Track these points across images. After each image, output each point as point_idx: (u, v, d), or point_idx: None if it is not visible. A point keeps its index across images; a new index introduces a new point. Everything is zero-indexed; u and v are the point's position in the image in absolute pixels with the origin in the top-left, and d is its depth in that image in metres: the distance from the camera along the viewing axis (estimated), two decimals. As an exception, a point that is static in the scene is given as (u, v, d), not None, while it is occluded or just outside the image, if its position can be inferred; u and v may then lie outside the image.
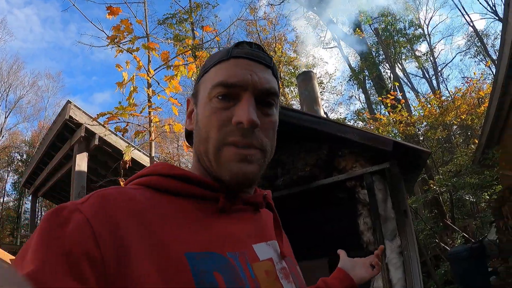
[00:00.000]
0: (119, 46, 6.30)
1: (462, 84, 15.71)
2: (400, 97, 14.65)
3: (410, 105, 18.44)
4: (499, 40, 7.72)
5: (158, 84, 5.47)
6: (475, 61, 30.26)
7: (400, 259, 3.96)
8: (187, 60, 5.93)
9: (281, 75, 23.75)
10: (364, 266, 1.22)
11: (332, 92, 29.19)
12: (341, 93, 30.21)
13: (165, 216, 0.60)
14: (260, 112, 0.70)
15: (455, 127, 21.93)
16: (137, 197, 0.61)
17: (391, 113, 13.54)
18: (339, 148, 4.38)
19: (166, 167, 0.69)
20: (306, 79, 8.45)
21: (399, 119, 12.81)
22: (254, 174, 0.68)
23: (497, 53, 8.69)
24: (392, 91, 15.56)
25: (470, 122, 16.40)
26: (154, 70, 5.68)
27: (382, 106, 18.67)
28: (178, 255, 0.55)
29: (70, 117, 9.28)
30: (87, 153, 8.54)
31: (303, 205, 5.25)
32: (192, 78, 6.33)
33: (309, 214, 5.45)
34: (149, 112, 5.43)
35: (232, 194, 0.70)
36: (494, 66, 18.17)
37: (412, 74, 30.13)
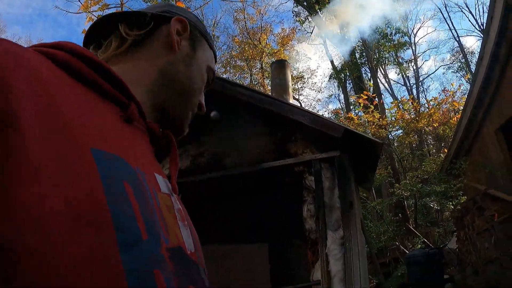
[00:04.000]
0: (90, 13, 6.32)
1: (439, 95, 15.85)
2: (376, 99, 14.71)
3: (385, 109, 18.60)
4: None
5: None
6: (457, 76, 30.77)
7: (341, 250, 3.84)
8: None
9: (263, 65, 23.75)
10: None
11: (312, 88, 29.43)
12: (321, 90, 30.43)
13: (71, 98, 0.48)
14: None
15: (429, 136, 22.33)
16: (43, 62, 0.49)
17: (364, 114, 13.59)
18: (293, 134, 4.25)
19: (83, 49, 0.57)
20: (279, 67, 8.40)
21: (371, 120, 12.84)
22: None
23: (475, 67, 8.73)
24: (368, 91, 15.63)
25: (442, 132, 16.61)
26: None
27: (361, 111, 18.86)
28: (82, 147, 0.43)
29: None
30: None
31: (249, 187, 5.11)
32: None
33: (254, 197, 5.33)
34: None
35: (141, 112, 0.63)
36: (472, 80, 18.38)
37: (394, 81, 30.55)
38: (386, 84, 28.54)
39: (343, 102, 27.06)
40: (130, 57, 0.71)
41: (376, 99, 15.25)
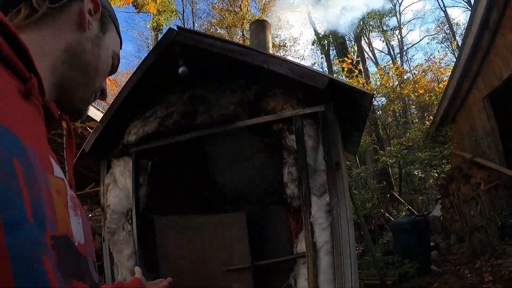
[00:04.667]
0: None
1: (425, 61, 15.53)
2: (359, 63, 14.30)
3: (369, 75, 18.30)
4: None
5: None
6: (441, 47, 30.68)
7: (328, 219, 3.38)
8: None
9: (244, 33, 23.06)
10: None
11: (295, 56, 28.90)
12: (304, 58, 30.00)
13: None
14: None
15: (413, 106, 22.23)
16: None
17: (348, 79, 13.19)
18: (270, 88, 3.73)
19: None
20: (258, 27, 7.82)
21: (355, 85, 12.42)
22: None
23: (464, 33, 8.70)
24: (352, 55, 15.23)
25: (427, 99, 16.41)
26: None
27: (344, 77, 18.56)
28: None
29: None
30: None
31: (223, 149, 4.62)
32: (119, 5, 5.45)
33: (229, 160, 4.85)
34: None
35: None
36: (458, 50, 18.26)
37: (378, 50, 30.27)
38: (370, 53, 28.40)
39: (326, 70, 26.71)
40: (36, 28, 0.66)
41: (360, 64, 14.83)
